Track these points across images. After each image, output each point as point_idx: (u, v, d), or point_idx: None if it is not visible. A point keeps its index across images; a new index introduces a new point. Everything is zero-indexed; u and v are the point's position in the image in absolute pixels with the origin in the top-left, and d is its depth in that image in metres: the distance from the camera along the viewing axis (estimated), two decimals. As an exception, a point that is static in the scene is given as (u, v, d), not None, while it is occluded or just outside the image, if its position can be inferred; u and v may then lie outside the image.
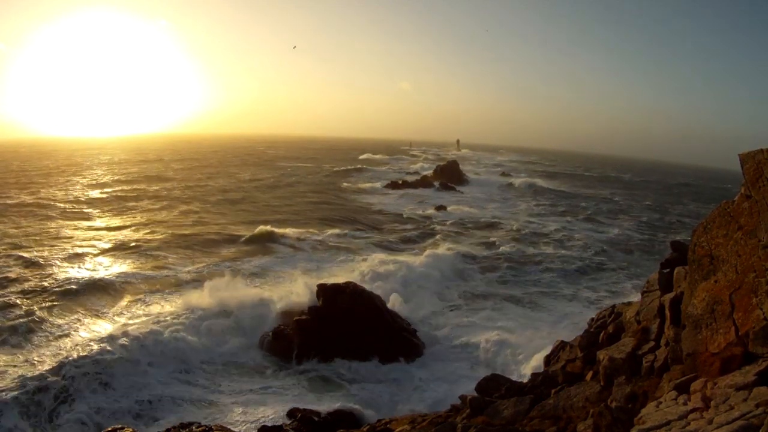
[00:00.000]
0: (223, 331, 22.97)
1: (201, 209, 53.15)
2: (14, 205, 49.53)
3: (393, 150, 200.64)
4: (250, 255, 35.91)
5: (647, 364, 8.49)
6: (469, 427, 8.98)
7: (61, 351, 20.07)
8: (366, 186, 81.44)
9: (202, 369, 20.51)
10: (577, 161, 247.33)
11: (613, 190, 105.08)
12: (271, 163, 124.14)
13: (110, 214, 48.52)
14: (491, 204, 70.55)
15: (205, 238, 39.97)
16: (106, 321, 23.52)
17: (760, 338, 6.25)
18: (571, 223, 58.63)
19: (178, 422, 11.66)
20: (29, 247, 34.45)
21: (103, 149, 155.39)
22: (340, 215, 54.06)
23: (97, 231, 41.39)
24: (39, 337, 21.38)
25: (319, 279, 27.39)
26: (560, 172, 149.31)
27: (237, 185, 74.79)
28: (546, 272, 36.44)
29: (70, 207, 51.01)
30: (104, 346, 20.35)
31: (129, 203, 55.26)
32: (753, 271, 6.62)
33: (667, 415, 5.68)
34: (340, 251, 38.52)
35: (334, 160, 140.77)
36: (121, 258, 33.51)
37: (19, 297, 25.21)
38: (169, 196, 60.92)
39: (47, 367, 18.56)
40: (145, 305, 25.63)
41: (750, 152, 6.98)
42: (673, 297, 8.73)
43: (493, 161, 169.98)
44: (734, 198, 7.26)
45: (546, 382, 11.26)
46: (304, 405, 17.27)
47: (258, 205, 58.21)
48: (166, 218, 47.40)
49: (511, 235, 48.55)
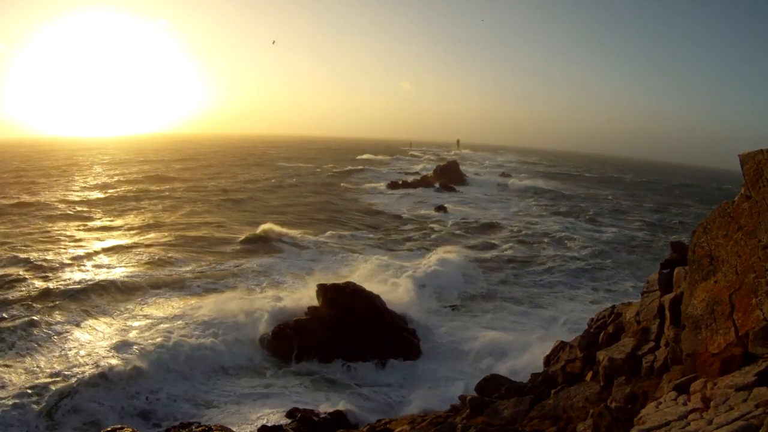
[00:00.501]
0: (223, 331, 22.95)
1: (204, 210, 53.19)
2: (15, 205, 49.38)
3: (393, 150, 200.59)
4: (252, 255, 35.90)
5: (647, 365, 8.49)
6: (468, 427, 8.98)
7: (62, 352, 20.12)
8: (366, 186, 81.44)
9: (201, 369, 20.47)
10: (577, 161, 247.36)
11: (613, 191, 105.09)
12: (272, 163, 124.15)
13: (112, 215, 48.31)
14: (491, 204, 70.56)
15: (208, 238, 40.07)
16: (108, 322, 23.51)
17: (760, 339, 6.25)
18: (572, 223, 58.64)
19: (178, 422, 11.67)
20: (31, 247, 34.45)
21: (104, 149, 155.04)
22: (340, 216, 54.09)
23: (99, 232, 41.33)
24: (39, 338, 21.37)
25: (320, 279, 27.39)
26: (561, 173, 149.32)
27: (239, 185, 74.73)
28: (546, 272, 36.45)
29: (71, 207, 50.92)
30: (105, 347, 20.44)
31: (130, 203, 55.20)
32: (753, 271, 6.62)
33: (666, 416, 5.68)
34: (342, 251, 38.53)
35: (334, 160, 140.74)
36: (125, 258, 33.47)
37: (20, 298, 25.20)
38: (171, 196, 60.93)
39: (47, 368, 18.64)
40: (147, 306, 25.65)
41: (750, 152, 6.98)
42: (673, 297, 8.72)
43: (494, 161, 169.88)
44: (734, 198, 7.25)
45: (546, 383, 11.26)
46: (303, 405, 17.25)
47: (260, 205, 58.15)
48: (169, 219, 47.34)
49: (512, 235, 48.58)
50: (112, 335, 21.65)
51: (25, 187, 64.14)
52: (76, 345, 20.74)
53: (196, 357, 20.91)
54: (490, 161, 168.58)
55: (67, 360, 19.21)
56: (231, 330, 23.21)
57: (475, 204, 69.35)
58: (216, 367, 20.69)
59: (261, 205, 58.89)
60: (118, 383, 18.20)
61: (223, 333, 22.79)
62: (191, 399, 18.25)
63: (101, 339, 21.34)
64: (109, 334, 21.83)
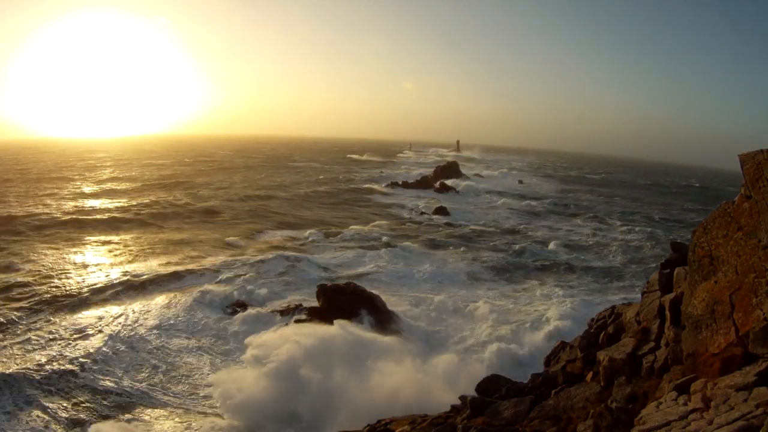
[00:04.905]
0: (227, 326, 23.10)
1: (223, 210, 53.45)
2: (19, 215, 46.79)
3: (394, 151, 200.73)
4: (262, 255, 35.88)
5: (647, 365, 8.47)
6: (469, 427, 8.98)
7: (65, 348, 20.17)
8: (366, 186, 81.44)
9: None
10: (578, 162, 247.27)
11: (615, 190, 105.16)
12: (283, 163, 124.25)
13: (134, 221, 47.13)
14: (491, 205, 70.52)
15: (220, 239, 40.47)
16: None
17: (760, 339, 6.24)
18: (573, 223, 58.65)
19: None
20: (41, 251, 34.47)
21: (109, 151, 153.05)
22: (341, 216, 54.10)
23: (129, 235, 41.30)
24: (41, 337, 21.46)
25: (324, 280, 27.61)
26: (562, 173, 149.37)
27: (257, 186, 74.54)
28: (546, 273, 36.46)
29: (102, 216, 49.03)
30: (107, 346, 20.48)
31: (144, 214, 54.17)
32: (753, 271, 6.61)
33: (667, 416, 5.67)
34: (342, 252, 38.57)
35: (335, 161, 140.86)
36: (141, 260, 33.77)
37: (21, 301, 25.32)
38: (202, 197, 61.05)
39: (47, 367, 18.68)
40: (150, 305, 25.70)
41: (750, 153, 6.96)
42: (673, 297, 8.71)
43: (494, 162, 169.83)
44: (734, 199, 7.24)
45: (546, 383, 11.23)
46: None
47: (264, 207, 57.94)
48: (190, 222, 47.42)
49: (512, 235, 48.58)
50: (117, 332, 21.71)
51: (31, 191, 63.92)
52: (77, 346, 20.74)
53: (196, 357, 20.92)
54: (491, 162, 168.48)
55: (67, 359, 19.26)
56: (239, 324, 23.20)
57: (475, 204, 69.50)
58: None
59: (266, 206, 58.73)
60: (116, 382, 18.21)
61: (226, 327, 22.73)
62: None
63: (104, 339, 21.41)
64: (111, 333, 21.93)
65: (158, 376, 19.39)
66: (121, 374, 19.12)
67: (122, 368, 19.55)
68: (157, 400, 17.87)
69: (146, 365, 20.07)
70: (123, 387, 18.30)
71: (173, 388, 18.68)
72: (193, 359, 20.99)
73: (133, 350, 21.01)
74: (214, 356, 21.46)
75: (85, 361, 19.66)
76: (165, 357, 20.86)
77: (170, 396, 18.19)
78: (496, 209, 66.43)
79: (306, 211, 56.89)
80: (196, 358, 21.09)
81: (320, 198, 67.50)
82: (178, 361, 20.66)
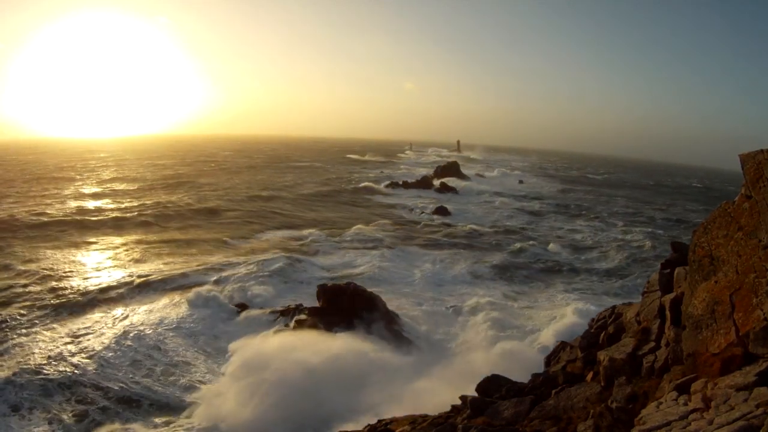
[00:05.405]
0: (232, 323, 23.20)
1: (230, 209, 53.43)
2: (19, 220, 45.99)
3: (394, 151, 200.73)
4: (263, 255, 35.89)
5: (648, 365, 8.47)
6: (469, 427, 8.98)
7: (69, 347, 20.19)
8: (367, 186, 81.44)
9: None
10: (579, 162, 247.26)
11: (615, 190, 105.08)
12: (284, 164, 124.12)
13: (149, 220, 47.33)
14: (491, 205, 70.49)
15: (222, 239, 40.51)
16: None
17: (760, 339, 6.24)
18: (574, 223, 58.62)
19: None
20: (48, 253, 34.50)
21: (110, 151, 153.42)
22: (341, 216, 54.09)
23: (131, 235, 41.28)
24: (43, 338, 21.48)
25: (324, 280, 27.61)
26: (562, 173, 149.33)
27: (258, 187, 74.45)
28: (547, 273, 36.45)
29: (112, 216, 48.90)
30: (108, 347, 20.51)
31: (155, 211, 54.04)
32: (753, 271, 6.60)
33: (667, 416, 5.66)
34: (342, 252, 38.58)
35: (336, 161, 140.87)
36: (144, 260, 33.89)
37: (23, 301, 25.35)
38: (207, 198, 61.06)
39: (49, 367, 18.71)
40: (148, 307, 25.71)
41: (750, 153, 6.96)
42: (674, 297, 8.70)
43: (494, 162, 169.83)
44: (734, 198, 7.24)
45: (546, 383, 11.22)
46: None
47: (265, 207, 57.92)
48: (193, 222, 47.45)
49: (513, 235, 48.54)
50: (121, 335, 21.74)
51: (30, 192, 63.98)
52: (77, 347, 20.75)
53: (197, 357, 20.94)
54: (491, 162, 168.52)
55: (67, 360, 19.27)
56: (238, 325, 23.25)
57: (475, 204, 69.35)
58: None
59: (270, 206, 58.76)
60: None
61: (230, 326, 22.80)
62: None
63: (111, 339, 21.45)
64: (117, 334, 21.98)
65: (159, 377, 19.41)
66: (122, 375, 19.15)
67: (124, 369, 19.58)
68: (157, 400, 17.88)
69: (147, 366, 20.07)
70: (124, 387, 18.33)
71: (173, 389, 18.69)
72: (193, 360, 21.00)
73: (134, 351, 21.02)
74: (214, 357, 21.48)
75: (87, 361, 19.68)
76: (165, 358, 20.87)
77: (170, 396, 18.20)
78: (496, 209, 66.36)
79: (307, 211, 56.91)
80: (197, 359, 21.11)
81: (321, 198, 67.52)
82: (179, 362, 20.68)
